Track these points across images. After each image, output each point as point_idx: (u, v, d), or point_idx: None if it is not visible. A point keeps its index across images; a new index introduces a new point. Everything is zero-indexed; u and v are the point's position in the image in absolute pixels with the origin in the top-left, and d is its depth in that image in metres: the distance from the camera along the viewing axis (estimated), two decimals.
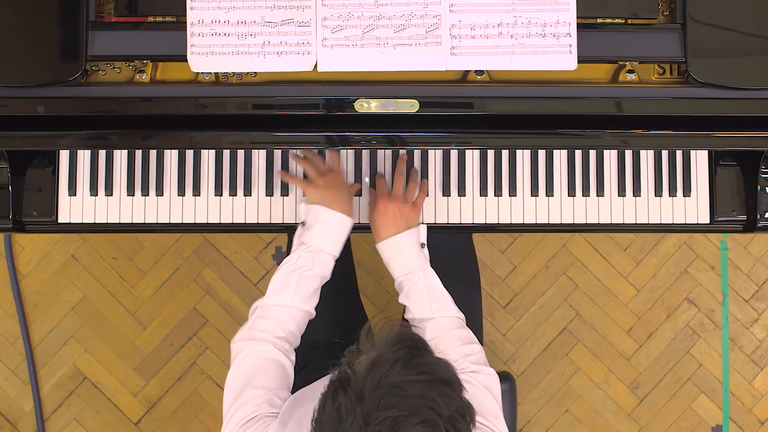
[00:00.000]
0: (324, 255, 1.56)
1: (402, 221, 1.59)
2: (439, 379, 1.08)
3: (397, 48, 1.55)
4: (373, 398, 1.04)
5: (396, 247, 1.57)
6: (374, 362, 1.07)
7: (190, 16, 1.56)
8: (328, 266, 1.57)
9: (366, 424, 1.03)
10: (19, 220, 1.67)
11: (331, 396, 1.07)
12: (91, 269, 2.47)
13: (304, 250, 1.56)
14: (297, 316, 1.52)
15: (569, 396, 2.46)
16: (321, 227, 1.57)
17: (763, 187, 1.66)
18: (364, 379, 1.05)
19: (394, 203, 1.60)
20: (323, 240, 1.56)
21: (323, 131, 1.59)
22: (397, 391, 1.04)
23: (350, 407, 1.04)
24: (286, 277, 1.54)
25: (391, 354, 1.08)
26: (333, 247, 1.57)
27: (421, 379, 1.06)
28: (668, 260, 2.47)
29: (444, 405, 1.05)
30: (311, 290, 1.54)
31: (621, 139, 1.61)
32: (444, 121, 1.59)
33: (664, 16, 1.60)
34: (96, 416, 2.45)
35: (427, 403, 1.04)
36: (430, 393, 1.05)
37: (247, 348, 1.45)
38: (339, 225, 1.58)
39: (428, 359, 1.10)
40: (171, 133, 1.60)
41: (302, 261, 1.55)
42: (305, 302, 1.53)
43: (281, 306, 1.51)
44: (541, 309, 2.47)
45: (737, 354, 2.47)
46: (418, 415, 1.03)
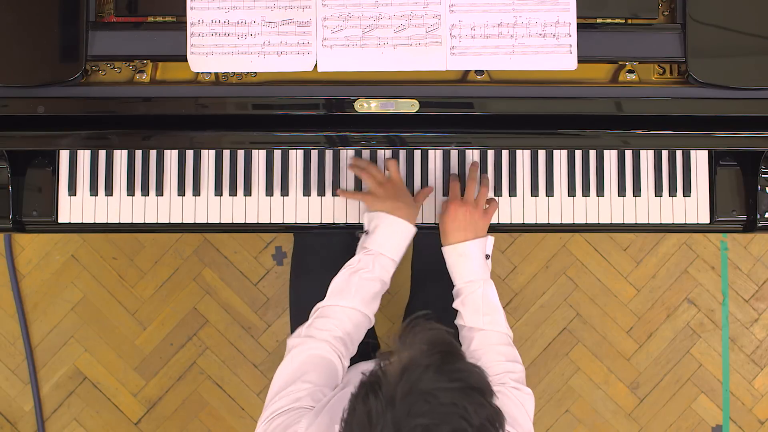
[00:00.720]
0: (384, 259, 1.56)
1: (471, 228, 1.59)
2: (471, 386, 1.07)
3: (397, 48, 1.55)
4: (405, 404, 1.03)
5: (462, 253, 1.57)
6: (406, 367, 1.06)
7: (190, 16, 1.56)
8: (388, 270, 1.57)
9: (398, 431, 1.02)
10: (19, 220, 1.68)
11: (362, 398, 1.07)
12: (91, 269, 2.46)
13: (364, 253, 1.57)
14: (356, 318, 1.52)
15: (569, 396, 2.46)
16: (381, 231, 1.57)
17: (763, 187, 1.66)
18: (396, 383, 1.05)
19: (466, 208, 1.59)
20: (383, 244, 1.56)
21: (323, 131, 1.59)
22: (428, 398, 1.04)
23: (381, 412, 1.04)
24: (346, 279, 1.54)
25: (424, 359, 1.07)
26: (393, 251, 1.57)
27: (452, 386, 1.05)
28: (668, 260, 2.47)
29: (475, 413, 1.04)
30: (371, 293, 1.54)
31: (621, 139, 1.61)
32: (444, 121, 1.59)
33: (664, 16, 1.60)
34: (96, 416, 2.45)
35: (458, 412, 1.04)
36: (462, 402, 1.04)
37: (303, 344, 1.46)
38: (400, 230, 1.58)
39: (461, 366, 1.10)
40: (171, 133, 1.60)
41: (362, 263, 1.55)
42: (365, 305, 1.53)
43: (340, 306, 1.51)
44: (541, 309, 2.47)
45: (737, 354, 2.47)
46: (448, 424, 1.03)
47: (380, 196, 1.61)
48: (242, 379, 2.45)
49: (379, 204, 1.60)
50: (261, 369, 2.45)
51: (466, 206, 1.59)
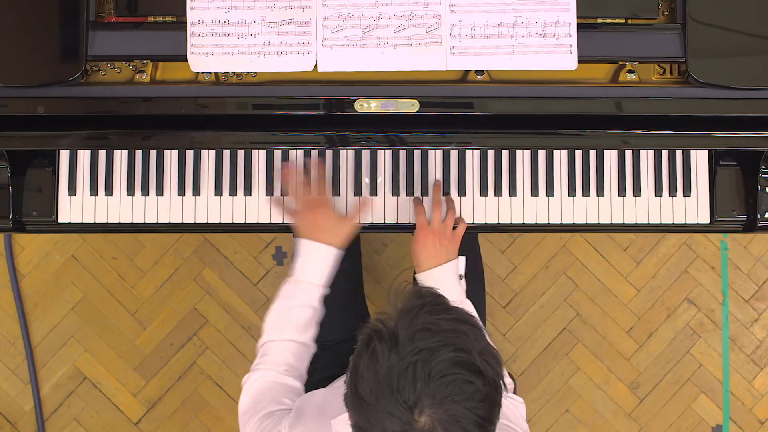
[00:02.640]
0: (306, 285, 1.56)
1: (442, 253, 1.60)
2: (466, 320, 1.11)
3: (397, 48, 1.55)
4: (407, 337, 1.06)
5: (436, 278, 1.58)
6: (402, 310, 1.10)
7: (190, 16, 1.56)
8: (312, 295, 1.57)
9: (402, 358, 1.05)
10: (19, 220, 1.67)
11: (365, 345, 1.10)
12: (91, 269, 2.46)
13: (288, 282, 1.58)
14: (294, 349, 1.54)
15: (569, 396, 2.45)
16: (303, 258, 1.58)
17: (763, 187, 1.66)
18: (395, 324, 1.08)
19: (435, 235, 1.60)
20: (303, 271, 1.57)
21: (323, 131, 1.59)
22: (429, 326, 1.07)
23: (386, 349, 1.06)
24: (276, 313, 1.56)
25: (418, 301, 1.11)
26: (315, 276, 1.57)
27: (450, 317, 1.09)
28: (668, 260, 2.47)
29: (475, 340, 1.08)
30: (302, 321, 1.55)
31: (621, 139, 1.61)
32: (444, 121, 1.59)
33: (664, 16, 1.60)
34: (96, 416, 2.45)
35: (459, 336, 1.07)
36: (461, 327, 1.08)
37: (251, 378, 1.51)
38: (320, 255, 1.58)
39: (451, 305, 1.13)
40: (171, 133, 1.60)
41: (286, 292, 1.57)
42: (299, 334, 1.54)
43: (276, 341, 1.54)
44: (541, 309, 2.47)
45: (737, 354, 2.46)
46: (452, 345, 1.06)
47: (301, 219, 1.60)
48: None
49: (301, 228, 1.60)
50: None
51: (434, 233, 1.60)
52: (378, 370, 1.06)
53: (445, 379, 1.03)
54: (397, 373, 1.04)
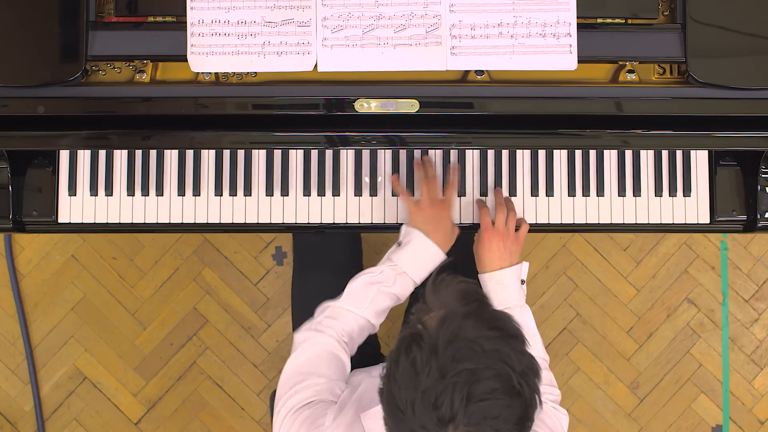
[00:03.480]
0: (406, 278, 1.56)
1: (506, 256, 1.59)
2: (510, 334, 1.10)
3: (397, 48, 1.55)
4: (449, 351, 1.06)
5: (499, 281, 1.58)
6: (445, 317, 1.09)
7: (190, 16, 1.56)
8: (407, 289, 1.58)
9: (442, 376, 1.05)
10: (19, 220, 1.67)
11: (404, 351, 1.09)
12: (91, 269, 2.46)
13: (388, 266, 1.56)
14: (363, 326, 1.54)
15: (569, 396, 2.45)
16: (412, 251, 1.57)
17: (763, 187, 1.66)
18: (437, 333, 1.08)
19: (500, 237, 1.60)
20: (409, 263, 1.56)
21: (323, 131, 1.59)
22: (471, 345, 1.07)
23: (425, 361, 1.06)
24: (365, 288, 1.54)
25: (461, 308, 1.10)
26: (417, 273, 1.57)
27: (493, 334, 1.09)
28: (668, 260, 2.47)
29: (517, 360, 1.08)
30: (384, 306, 1.56)
31: (621, 139, 1.61)
32: (444, 121, 1.59)
33: (664, 16, 1.60)
34: (96, 416, 2.45)
35: (501, 358, 1.07)
36: (504, 348, 1.08)
37: (312, 338, 1.48)
38: (429, 255, 1.58)
39: (497, 314, 1.13)
40: (171, 133, 1.60)
41: (384, 276, 1.55)
42: (375, 316, 1.55)
43: (353, 312, 1.53)
44: (541, 309, 2.47)
45: (737, 354, 2.46)
46: (493, 369, 1.06)
47: (426, 213, 1.59)
48: (242, 379, 2.45)
49: (421, 221, 1.59)
50: (261, 369, 2.45)
51: (500, 235, 1.60)
52: (417, 384, 1.06)
53: (483, 403, 1.04)
54: (436, 390, 1.05)
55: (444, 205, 1.61)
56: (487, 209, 1.65)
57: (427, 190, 1.62)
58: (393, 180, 1.67)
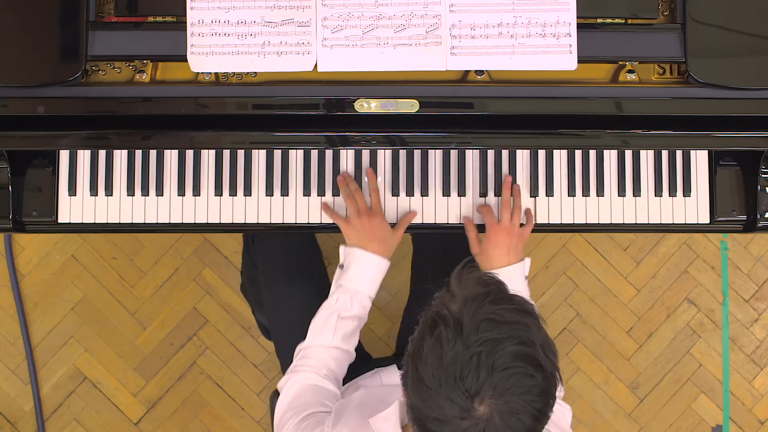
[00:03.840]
0: (361, 296, 1.58)
1: (513, 252, 1.61)
2: (528, 311, 1.12)
3: (397, 48, 1.55)
4: (472, 326, 1.08)
5: (507, 277, 1.58)
6: (467, 297, 1.11)
7: (190, 16, 1.56)
8: (365, 306, 1.60)
9: (467, 347, 1.06)
10: (19, 220, 1.67)
11: (429, 329, 1.11)
12: (91, 269, 2.46)
13: (341, 292, 1.58)
14: (337, 356, 1.55)
15: (569, 396, 2.45)
16: (357, 269, 1.59)
17: (763, 187, 1.66)
18: (460, 312, 1.09)
19: (506, 233, 1.61)
20: (359, 282, 1.58)
21: (323, 131, 1.59)
22: (493, 316, 1.08)
23: (451, 337, 1.08)
24: (325, 319, 1.56)
25: (482, 289, 1.12)
26: (368, 288, 1.59)
27: (513, 307, 1.11)
28: (668, 260, 2.47)
29: (537, 333, 1.10)
30: (350, 330, 1.57)
31: (621, 139, 1.61)
32: (444, 121, 1.59)
33: (664, 16, 1.60)
34: (96, 416, 2.45)
35: (522, 328, 1.09)
36: (524, 319, 1.10)
37: (291, 379, 1.51)
38: (374, 267, 1.60)
39: (514, 295, 1.15)
40: (171, 133, 1.60)
41: (340, 303, 1.57)
42: (345, 342, 1.56)
43: (322, 346, 1.55)
44: (541, 309, 2.47)
45: (737, 354, 2.46)
46: (515, 338, 1.07)
47: (356, 228, 1.61)
48: (242, 379, 2.45)
49: (354, 237, 1.61)
50: (261, 369, 2.45)
51: (506, 231, 1.61)
52: (443, 356, 1.07)
53: (507, 371, 1.06)
54: (461, 361, 1.06)
55: (372, 214, 1.62)
56: (490, 207, 1.66)
57: (351, 205, 1.64)
58: (323, 206, 1.68)
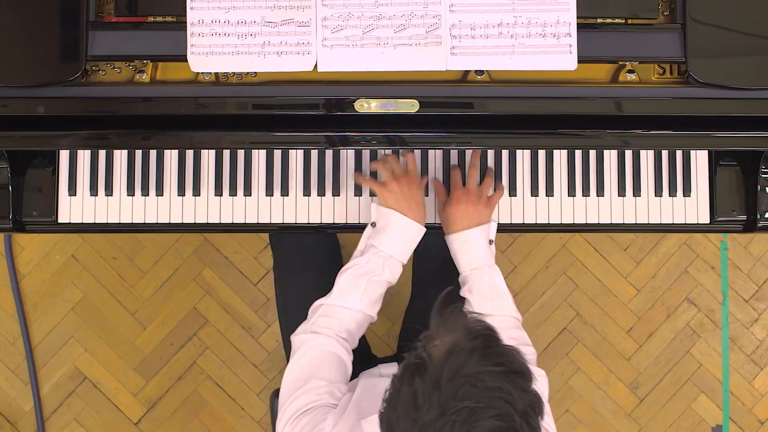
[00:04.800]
0: (394, 262, 1.55)
1: (474, 216, 1.58)
2: (514, 370, 1.08)
3: (397, 48, 1.55)
4: (451, 387, 1.04)
5: (466, 241, 1.57)
6: (450, 350, 1.07)
7: (190, 16, 1.56)
8: (396, 272, 1.57)
9: (442, 413, 1.03)
10: (19, 220, 1.67)
11: (407, 380, 1.08)
12: (91, 269, 2.46)
13: (374, 254, 1.55)
14: (360, 319, 1.52)
15: (569, 396, 2.45)
16: (393, 234, 1.55)
17: (763, 187, 1.66)
18: (441, 366, 1.06)
19: (468, 197, 1.59)
20: (394, 247, 1.55)
21: (323, 131, 1.59)
22: (474, 381, 1.05)
23: (427, 394, 1.04)
24: (354, 280, 1.53)
25: (468, 343, 1.08)
26: (403, 254, 1.56)
27: (497, 370, 1.06)
28: (668, 260, 2.47)
29: (519, 398, 1.05)
30: (377, 295, 1.55)
31: (621, 139, 1.61)
32: (444, 121, 1.59)
33: (664, 16, 1.60)
34: (96, 416, 2.45)
35: (503, 396, 1.05)
36: (507, 386, 1.05)
37: (310, 340, 1.46)
38: (411, 233, 1.57)
39: (503, 349, 1.11)
40: (171, 133, 1.60)
41: (372, 265, 1.54)
42: (370, 307, 1.53)
43: (347, 308, 1.51)
44: (541, 309, 2.47)
45: (737, 354, 2.46)
46: (494, 408, 1.04)
47: (393, 191, 1.58)
48: (242, 379, 2.45)
49: (392, 200, 1.58)
50: (261, 369, 2.45)
51: (469, 195, 1.59)
52: (416, 418, 1.05)
53: None
54: (434, 427, 1.03)
55: (410, 178, 1.60)
56: (459, 169, 1.64)
57: (385, 169, 1.61)
58: (356, 176, 1.66)
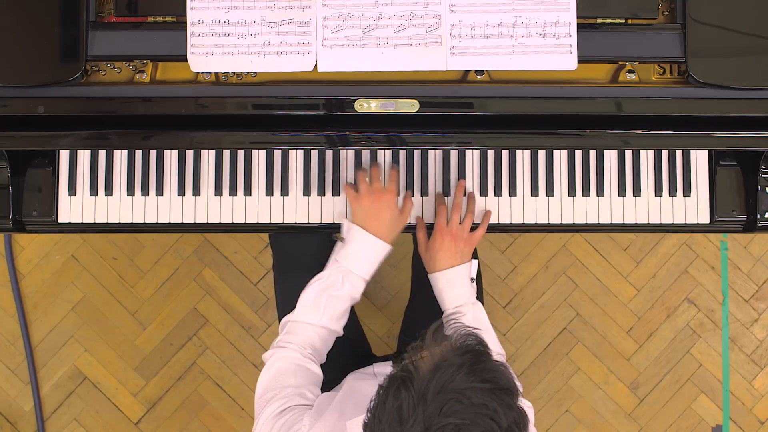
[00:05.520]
0: (354, 277, 1.56)
1: (457, 255, 1.60)
2: (501, 387, 1.08)
3: (397, 48, 1.55)
4: (436, 402, 1.04)
5: (450, 279, 1.58)
6: (438, 364, 1.07)
7: (190, 16, 1.56)
8: (358, 288, 1.57)
9: (427, 428, 1.03)
10: (19, 220, 1.67)
11: (393, 393, 1.07)
12: (91, 269, 2.46)
13: (335, 269, 1.56)
14: (324, 335, 1.54)
15: (569, 396, 2.46)
16: (356, 248, 1.56)
17: (763, 187, 1.66)
18: (428, 380, 1.05)
19: (452, 237, 1.60)
20: (355, 262, 1.56)
21: (323, 131, 1.59)
22: (460, 398, 1.04)
23: (412, 408, 1.04)
24: (316, 296, 1.54)
25: (456, 358, 1.08)
26: (364, 270, 1.57)
27: (484, 387, 1.06)
28: (668, 260, 2.47)
29: (504, 416, 1.05)
30: (340, 310, 1.55)
31: (621, 139, 1.61)
32: (444, 121, 1.59)
33: (664, 16, 1.60)
34: (96, 416, 2.45)
35: (489, 413, 1.04)
36: (492, 403, 1.05)
37: (275, 354, 1.50)
38: (373, 250, 1.57)
39: (491, 366, 1.10)
40: (171, 133, 1.60)
41: (332, 280, 1.55)
42: (333, 322, 1.54)
43: (309, 324, 1.52)
44: (541, 309, 2.47)
45: (737, 354, 2.47)
46: (479, 425, 1.03)
47: (364, 206, 1.59)
48: (242, 379, 2.45)
49: (360, 214, 1.59)
50: (261, 369, 2.45)
51: (452, 235, 1.60)
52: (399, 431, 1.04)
53: None
54: None
55: (385, 193, 1.59)
56: (445, 208, 1.65)
57: (363, 181, 1.61)
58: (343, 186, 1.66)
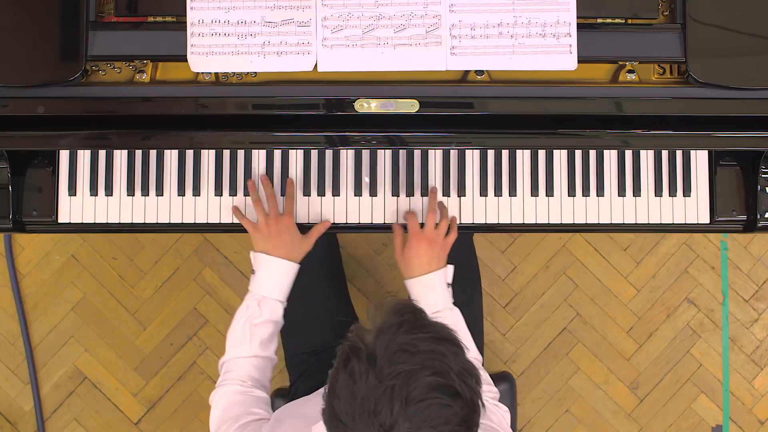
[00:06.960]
0: (270, 301, 1.58)
1: (434, 260, 1.60)
2: (445, 338, 1.10)
3: (397, 48, 1.55)
4: (385, 358, 1.06)
5: (427, 284, 1.59)
6: (381, 328, 1.09)
7: (190, 16, 1.56)
8: (276, 311, 1.59)
9: (380, 381, 1.04)
10: (19, 220, 1.68)
11: (342, 364, 1.09)
12: (91, 269, 2.46)
13: (250, 298, 1.59)
14: (258, 364, 1.56)
15: (569, 396, 2.46)
16: (265, 274, 1.59)
17: (763, 187, 1.66)
18: (374, 343, 1.08)
19: (427, 242, 1.60)
20: (264, 286, 1.59)
21: (323, 131, 1.59)
22: (407, 347, 1.06)
23: (364, 370, 1.06)
24: (240, 329, 1.57)
25: (396, 318, 1.10)
26: (276, 292, 1.59)
27: (428, 336, 1.08)
28: (668, 260, 2.47)
29: (453, 361, 1.07)
30: (266, 336, 1.57)
31: (621, 139, 1.61)
32: (444, 121, 1.59)
33: (664, 16, 1.60)
34: (96, 416, 2.45)
35: (437, 357, 1.06)
36: (439, 347, 1.07)
37: (218, 393, 1.52)
38: (279, 271, 1.59)
39: (431, 322, 1.13)
40: (171, 133, 1.60)
41: (251, 310, 1.58)
42: (263, 349, 1.57)
43: (241, 357, 1.56)
44: (541, 309, 2.47)
45: (737, 354, 2.46)
46: (430, 368, 1.05)
47: (261, 231, 1.61)
48: None
49: (261, 242, 1.60)
50: None
51: (428, 240, 1.60)
52: (356, 391, 1.05)
53: (422, 403, 1.03)
54: (374, 396, 1.04)
55: (281, 220, 1.61)
56: (415, 214, 1.65)
57: (259, 210, 1.63)
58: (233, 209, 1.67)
